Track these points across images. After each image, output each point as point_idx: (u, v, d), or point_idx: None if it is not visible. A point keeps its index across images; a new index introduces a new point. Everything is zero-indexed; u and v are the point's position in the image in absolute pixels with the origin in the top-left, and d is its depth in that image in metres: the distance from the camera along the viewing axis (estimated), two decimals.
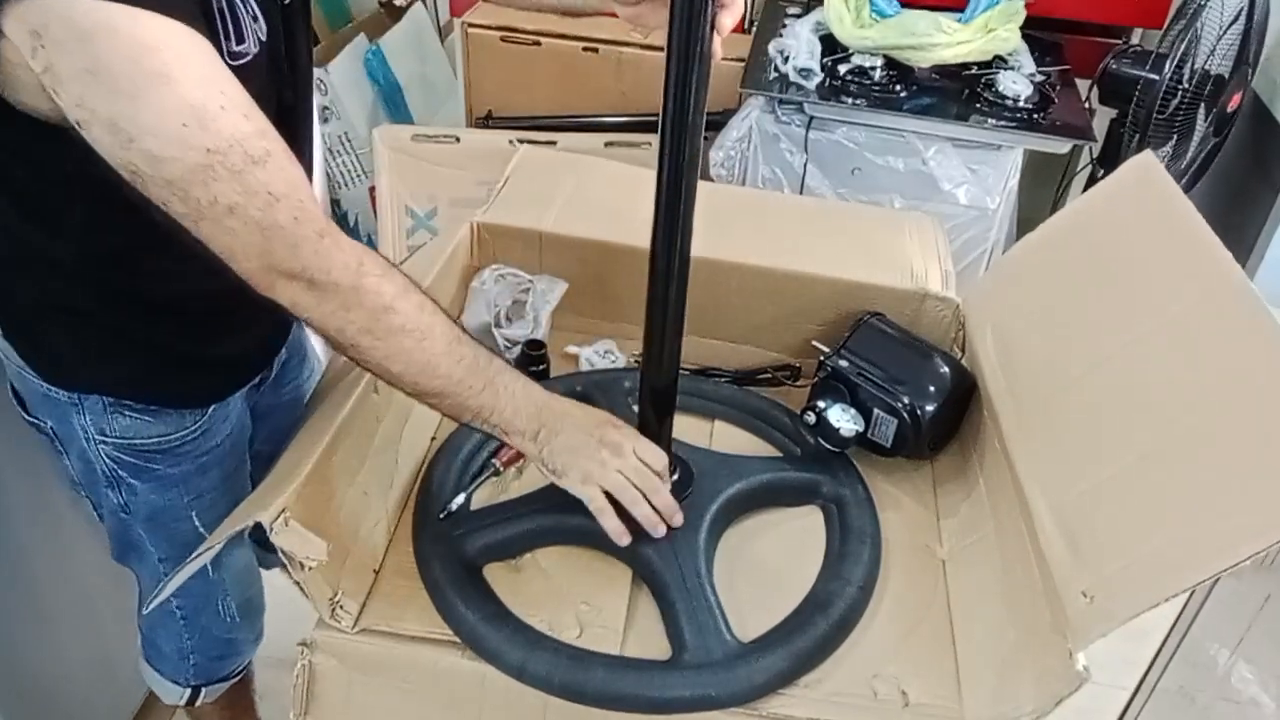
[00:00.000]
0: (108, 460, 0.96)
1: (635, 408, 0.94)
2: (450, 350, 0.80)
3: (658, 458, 0.88)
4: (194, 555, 0.81)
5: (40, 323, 0.90)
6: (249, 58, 0.76)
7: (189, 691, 1.21)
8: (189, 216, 0.69)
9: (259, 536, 1.18)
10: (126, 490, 0.98)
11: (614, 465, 0.85)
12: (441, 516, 0.91)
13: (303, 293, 0.74)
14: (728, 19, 0.83)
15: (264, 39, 0.77)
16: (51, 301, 0.87)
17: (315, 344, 1.21)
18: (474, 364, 0.81)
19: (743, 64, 1.96)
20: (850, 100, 1.84)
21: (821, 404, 1.00)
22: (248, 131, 0.67)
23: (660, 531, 0.87)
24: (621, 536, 0.86)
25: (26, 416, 0.99)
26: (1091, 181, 1.99)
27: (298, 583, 0.79)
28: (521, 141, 1.93)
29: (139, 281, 0.87)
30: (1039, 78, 1.92)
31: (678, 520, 0.88)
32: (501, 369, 0.84)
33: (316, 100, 2.02)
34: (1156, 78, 1.78)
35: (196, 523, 1.02)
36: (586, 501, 0.85)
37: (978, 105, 1.87)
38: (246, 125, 0.68)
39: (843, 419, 0.99)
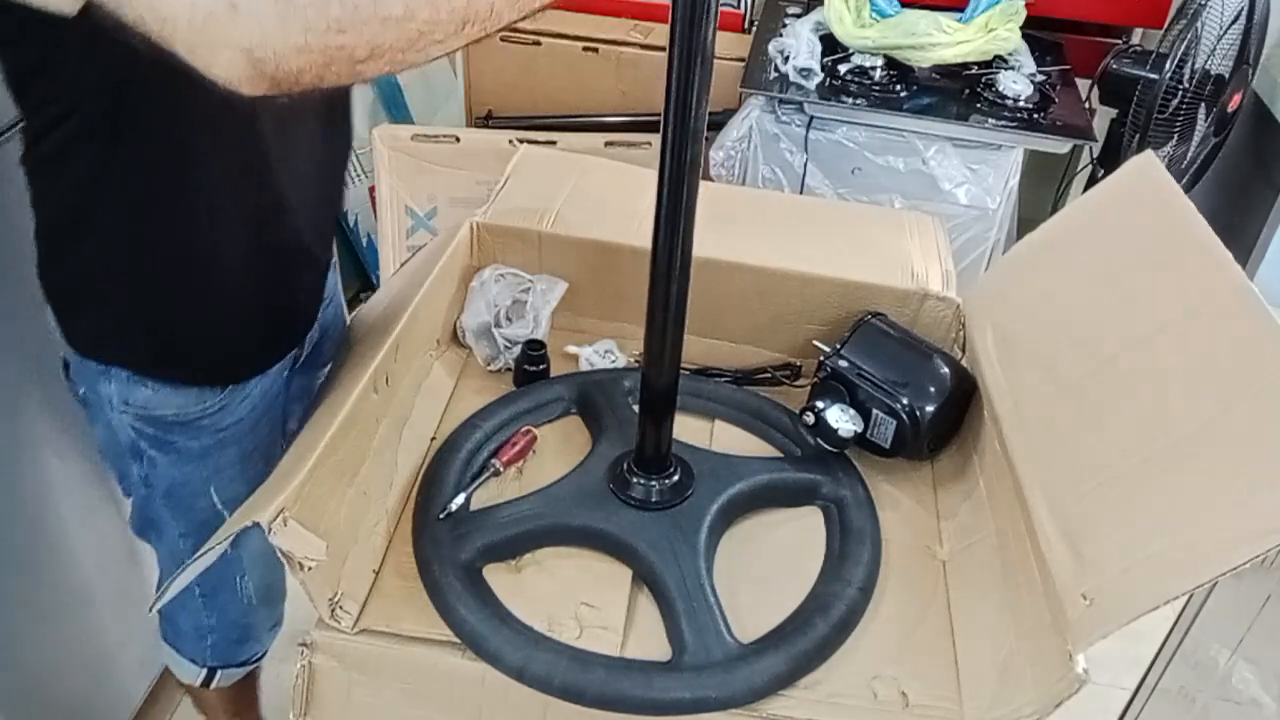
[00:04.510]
0: (130, 430, 0.99)
1: (635, 408, 0.94)
2: None
3: None
4: (197, 555, 0.81)
5: (74, 294, 0.94)
6: None
7: (205, 672, 1.22)
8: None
9: None
10: (147, 462, 1.01)
11: None
12: (441, 517, 0.91)
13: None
14: None
15: None
16: (85, 271, 0.91)
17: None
18: None
19: (743, 64, 1.96)
20: (850, 100, 1.84)
21: (820, 404, 1.00)
22: None
23: None
24: None
25: (67, 381, 1.03)
26: (1092, 181, 1.99)
27: (301, 582, 0.79)
28: (521, 141, 1.93)
29: (172, 249, 0.90)
30: (1039, 77, 1.92)
31: None
32: None
33: None
34: (1157, 77, 1.78)
35: (215, 499, 1.04)
36: None
37: (978, 105, 1.86)
38: None
39: (841, 419, 0.99)
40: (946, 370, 1.02)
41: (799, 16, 2.06)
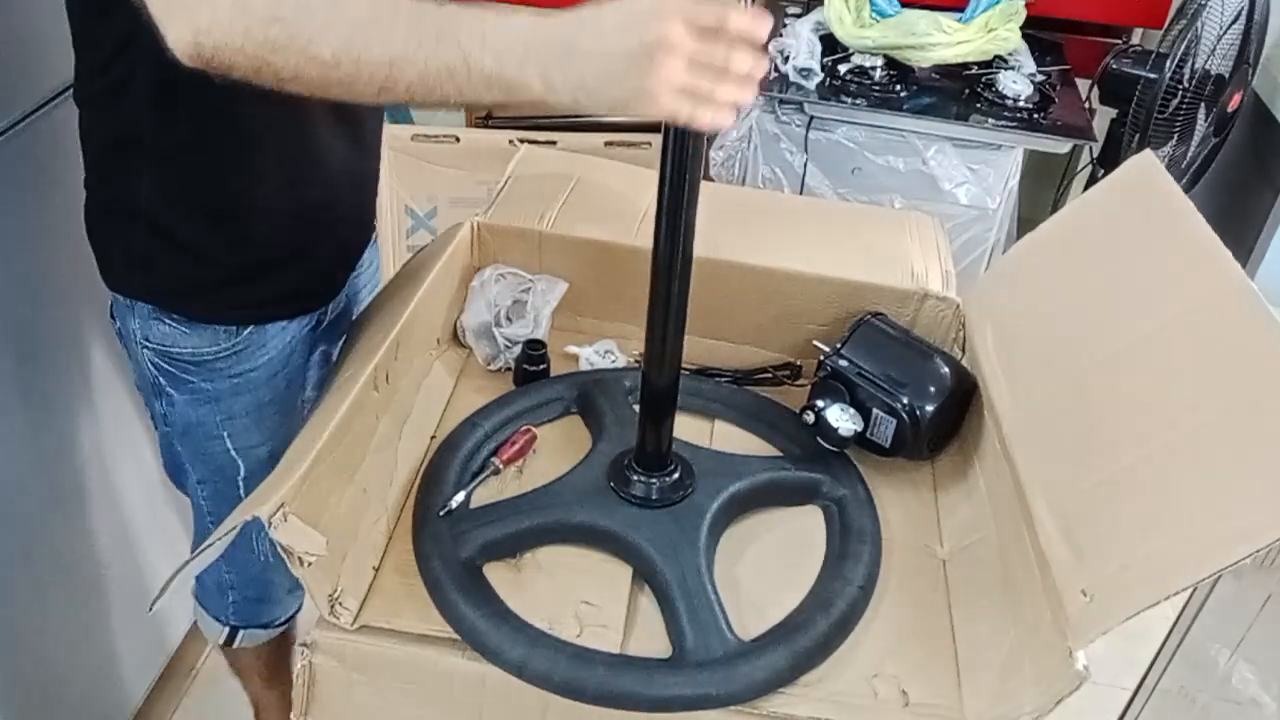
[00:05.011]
0: (151, 366, 1.03)
1: (635, 407, 0.94)
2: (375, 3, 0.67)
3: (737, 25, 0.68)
4: (200, 549, 0.81)
5: (108, 228, 0.99)
6: None
7: (228, 631, 1.24)
8: None
9: None
10: (166, 401, 1.05)
11: (670, 70, 0.65)
12: (441, 514, 0.91)
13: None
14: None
15: None
16: (119, 204, 0.96)
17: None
18: (414, 14, 0.67)
19: None
20: (850, 100, 1.85)
21: (820, 403, 1.00)
22: None
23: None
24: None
25: (111, 319, 1.07)
26: (1092, 181, 1.99)
27: (301, 577, 0.79)
28: (521, 141, 1.93)
29: (208, 186, 0.94)
30: (1039, 77, 1.92)
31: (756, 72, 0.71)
32: (460, 10, 0.67)
33: None
34: (1157, 77, 1.79)
35: (229, 444, 1.07)
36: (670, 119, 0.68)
37: (978, 105, 1.87)
38: None
39: (841, 419, 0.99)
40: (946, 370, 1.02)
41: (799, 16, 2.06)
